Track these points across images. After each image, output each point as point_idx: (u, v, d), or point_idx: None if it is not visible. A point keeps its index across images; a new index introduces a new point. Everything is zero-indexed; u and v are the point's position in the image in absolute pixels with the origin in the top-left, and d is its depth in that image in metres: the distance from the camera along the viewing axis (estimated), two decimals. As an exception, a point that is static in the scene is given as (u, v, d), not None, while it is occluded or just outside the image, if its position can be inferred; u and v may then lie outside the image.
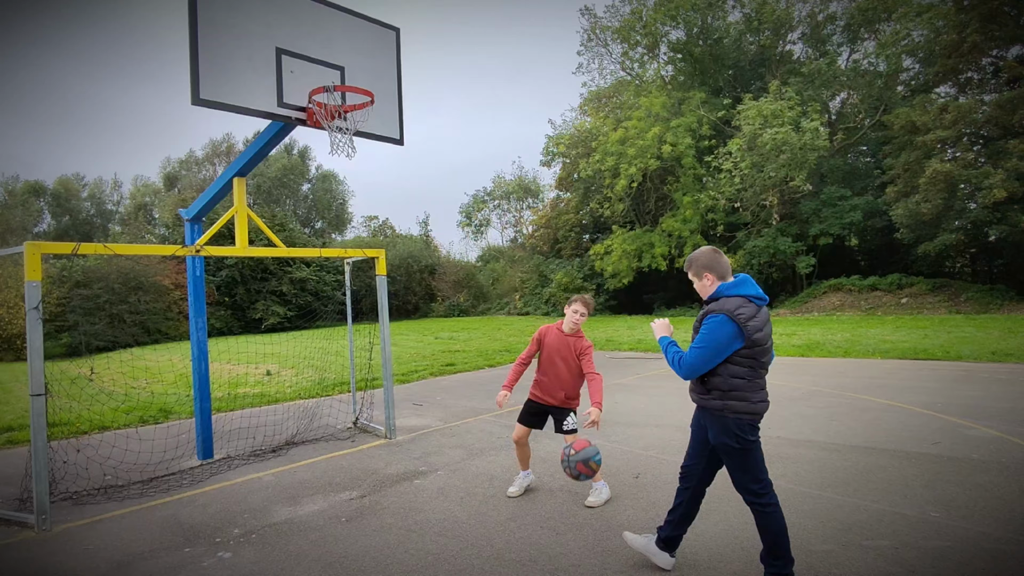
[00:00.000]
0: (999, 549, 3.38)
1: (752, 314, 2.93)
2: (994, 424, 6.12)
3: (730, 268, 3.13)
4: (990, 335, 13.77)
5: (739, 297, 2.98)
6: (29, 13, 69.87)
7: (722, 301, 2.99)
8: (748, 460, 3.05)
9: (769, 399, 3.10)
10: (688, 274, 3.22)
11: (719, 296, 3.04)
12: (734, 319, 2.90)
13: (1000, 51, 23.94)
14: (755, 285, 3.06)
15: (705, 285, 3.12)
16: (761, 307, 3.02)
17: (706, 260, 3.11)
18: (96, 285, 26.36)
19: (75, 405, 8.46)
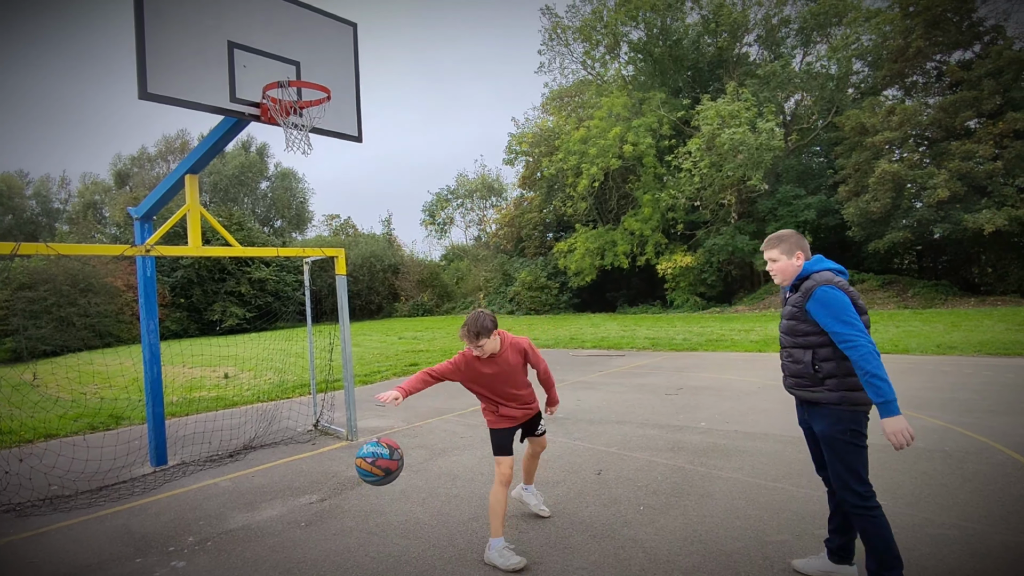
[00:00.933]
0: (942, 534, 3.53)
1: (847, 284, 2.78)
2: (938, 414, 6.38)
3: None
4: (935, 329, 14.36)
5: (827, 271, 2.84)
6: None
7: (814, 276, 2.82)
8: (860, 458, 2.79)
9: None
10: (772, 252, 2.97)
11: (808, 274, 2.87)
12: (840, 287, 2.72)
13: (943, 56, 24.97)
14: (832, 261, 2.92)
15: (793, 263, 2.93)
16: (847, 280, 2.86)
17: (799, 239, 2.95)
18: (42, 287, 25.28)
19: (18, 412, 8.10)
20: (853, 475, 2.78)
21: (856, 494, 2.77)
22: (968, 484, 4.30)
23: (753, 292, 28.12)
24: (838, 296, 2.69)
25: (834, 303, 2.69)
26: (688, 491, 4.44)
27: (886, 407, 2.59)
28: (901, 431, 2.61)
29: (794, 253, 2.93)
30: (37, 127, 74.63)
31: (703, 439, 5.83)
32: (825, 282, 2.75)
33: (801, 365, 2.88)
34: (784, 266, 2.95)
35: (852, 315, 2.66)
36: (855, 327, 2.64)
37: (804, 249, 2.94)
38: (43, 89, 73.65)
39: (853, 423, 2.76)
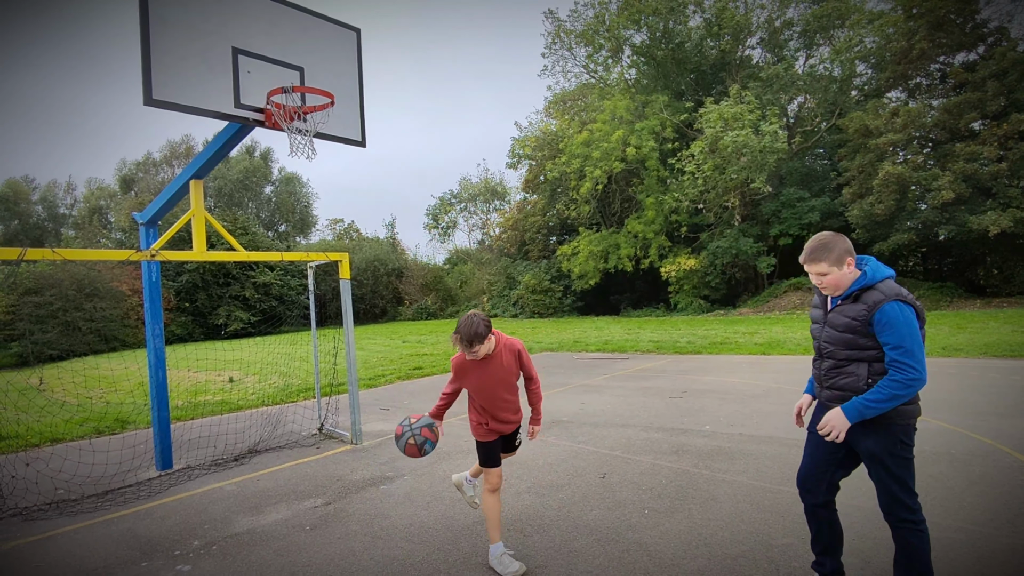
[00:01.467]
0: (949, 537, 3.51)
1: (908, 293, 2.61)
2: (944, 417, 6.35)
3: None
4: (940, 331, 14.30)
5: (890, 280, 2.63)
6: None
7: (879, 287, 2.61)
8: (911, 470, 2.70)
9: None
10: (821, 265, 2.70)
11: (871, 283, 2.63)
12: (908, 302, 2.54)
13: (947, 57, 24.93)
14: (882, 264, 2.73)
15: (845, 274, 2.67)
16: None
17: (843, 242, 2.67)
18: (48, 292, 25.39)
19: (24, 417, 8.14)
20: (906, 489, 2.68)
21: (908, 508, 2.68)
22: (974, 487, 4.28)
23: (757, 295, 28.06)
24: (908, 317, 2.53)
25: (903, 325, 2.52)
26: (693, 495, 4.43)
27: (863, 409, 2.59)
28: (839, 429, 2.64)
29: (844, 261, 2.66)
30: (43, 133, 75.14)
31: (708, 442, 5.82)
32: (895, 296, 2.55)
33: (853, 378, 2.70)
34: (837, 278, 2.70)
35: (917, 340, 2.53)
36: (915, 356, 2.51)
37: (852, 253, 2.69)
38: (49, 95, 74.19)
39: (904, 435, 2.67)
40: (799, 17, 29.36)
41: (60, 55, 75.80)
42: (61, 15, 74.95)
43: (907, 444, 2.67)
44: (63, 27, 75.33)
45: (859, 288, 2.66)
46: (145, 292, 5.97)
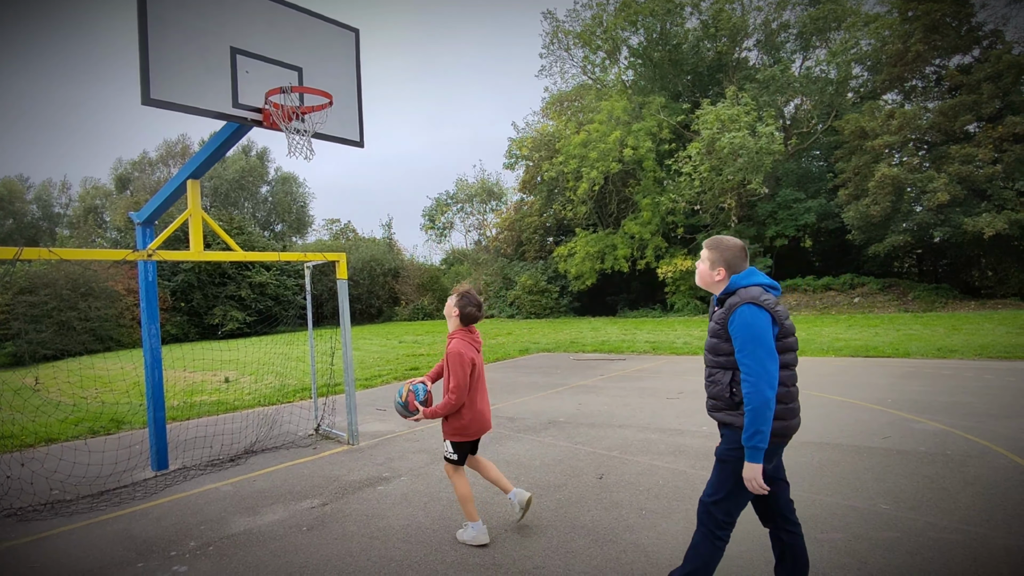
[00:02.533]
0: (944, 538, 3.53)
1: (776, 302, 2.62)
2: (940, 418, 6.38)
3: (744, 264, 2.77)
4: (935, 332, 14.36)
5: (756, 286, 2.65)
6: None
7: (741, 292, 2.63)
8: (738, 487, 2.63)
9: (799, 416, 2.70)
10: (704, 252, 2.82)
11: (735, 288, 2.67)
12: (763, 306, 2.54)
13: (942, 60, 25.04)
14: (764, 276, 2.75)
15: (712, 276, 2.77)
16: (777, 297, 2.70)
17: (733, 255, 2.73)
18: (43, 291, 25.25)
19: (19, 417, 8.10)
20: (727, 501, 2.68)
21: (714, 517, 2.70)
22: (970, 488, 4.30)
23: (753, 296, 28.12)
24: (757, 320, 2.51)
25: (748, 327, 2.52)
26: (690, 495, 4.44)
27: (751, 451, 2.51)
28: (751, 479, 2.54)
29: (717, 268, 2.75)
30: (38, 132, 74.82)
31: (704, 443, 5.83)
32: (751, 300, 2.56)
33: (720, 387, 2.68)
34: (703, 272, 2.81)
35: (762, 344, 2.49)
36: (755, 357, 2.49)
37: (730, 267, 2.73)
38: (45, 93, 73.87)
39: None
40: (795, 19, 29.46)
41: (56, 54, 75.51)
42: (58, 14, 74.65)
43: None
44: (59, 26, 75.03)
45: (724, 294, 2.71)
46: (141, 292, 5.95)
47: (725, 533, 2.69)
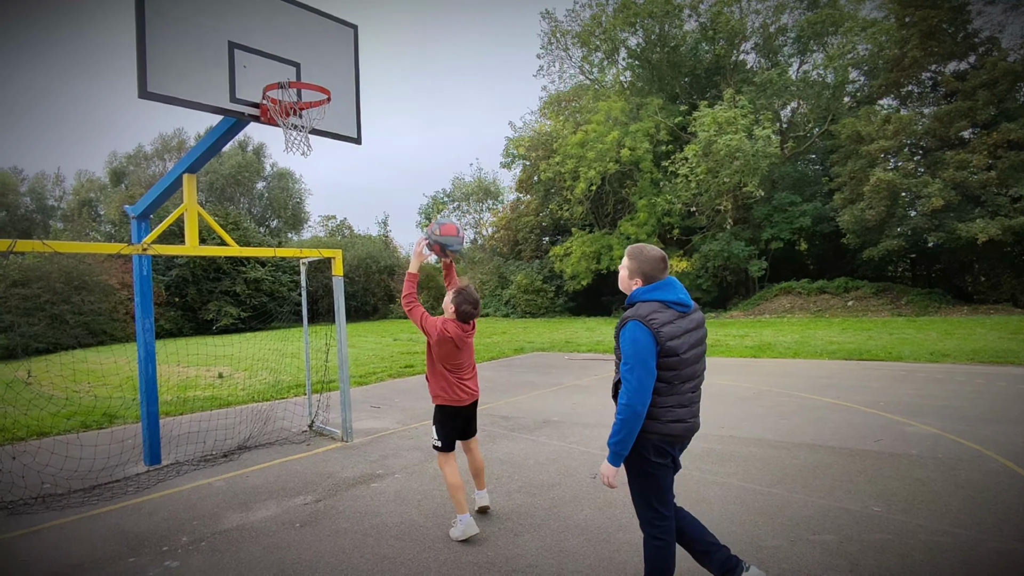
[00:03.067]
0: (935, 541, 3.55)
1: (667, 320, 2.67)
2: (931, 421, 6.41)
3: (663, 275, 2.83)
4: (928, 336, 14.44)
5: (655, 302, 2.72)
6: (-37, -3, 66.19)
7: (638, 306, 2.74)
8: (649, 485, 2.78)
9: (693, 422, 2.80)
10: (625, 260, 2.90)
11: (634, 300, 2.79)
12: (646, 324, 2.64)
13: (939, 66, 25.15)
14: (676, 290, 2.78)
15: (629, 284, 2.87)
16: (684, 313, 2.76)
17: (648, 267, 2.81)
18: (36, 284, 25.10)
19: (11, 410, 8.05)
20: (644, 502, 2.81)
21: (645, 519, 2.82)
22: (961, 491, 4.33)
23: (748, 298, 28.20)
24: (638, 337, 2.63)
25: (629, 343, 2.65)
26: (683, 496, 4.45)
27: (613, 455, 2.70)
28: (607, 475, 2.75)
29: (635, 277, 2.84)
30: (32, 124, 74.31)
31: (698, 444, 5.85)
32: (638, 317, 2.67)
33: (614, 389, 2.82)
34: (623, 279, 2.91)
35: (640, 362, 2.62)
36: (633, 374, 2.63)
37: (647, 277, 2.81)
38: (39, 86, 73.39)
39: (643, 450, 2.74)
40: (793, 23, 29.52)
41: (52, 46, 75.05)
42: (54, 6, 74.20)
43: (641, 455, 2.74)
44: (56, 18, 74.56)
45: (628, 303, 2.83)
46: (136, 286, 5.93)
47: (661, 531, 2.79)
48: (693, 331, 2.77)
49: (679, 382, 2.72)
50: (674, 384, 2.72)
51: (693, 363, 2.76)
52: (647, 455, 2.74)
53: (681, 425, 2.75)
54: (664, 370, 2.68)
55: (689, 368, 2.74)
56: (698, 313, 2.86)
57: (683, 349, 2.69)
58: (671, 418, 2.72)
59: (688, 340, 2.72)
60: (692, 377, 2.78)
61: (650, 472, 2.76)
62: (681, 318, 2.74)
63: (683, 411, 2.75)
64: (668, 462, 2.77)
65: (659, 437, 2.72)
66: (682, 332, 2.71)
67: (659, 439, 2.72)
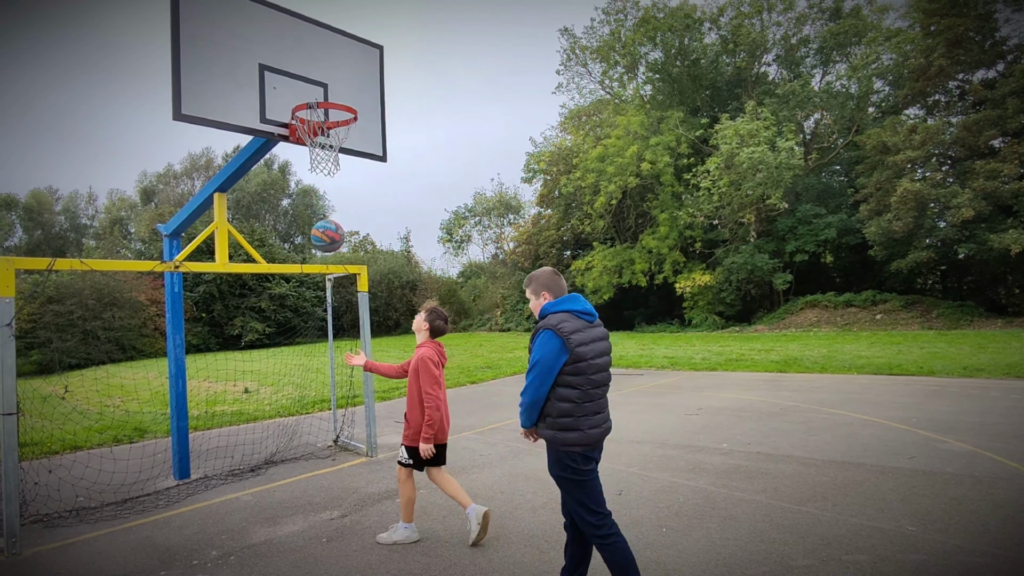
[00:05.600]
0: (973, 562, 3.45)
1: (576, 328, 2.90)
2: (967, 438, 6.24)
3: (565, 290, 3.11)
4: (961, 351, 14.08)
5: (563, 312, 2.97)
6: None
7: (548, 318, 2.97)
8: (583, 492, 2.95)
9: (606, 425, 3.01)
10: (527, 292, 3.19)
11: (545, 313, 3.02)
12: (557, 332, 2.86)
13: (966, 74, 24.76)
14: (581, 301, 3.03)
15: (540, 304, 3.10)
16: (590, 322, 2.99)
17: (546, 280, 3.10)
18: (69, 301, 25.76)
19: (47, 424, 8.25)
20: (584, 508, 2.94)
21: (588, 524, 2.93)
22: (999, 511, 4.21)
23: (773, 311, 27.81)
24: (546, 343, 2.87)
25: (537, 348, 2.90)
26: (711, 513, 4.39)
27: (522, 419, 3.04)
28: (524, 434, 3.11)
29: (540, 293, 3.09)
30: (66, 144, 76.74)
31: (725, 460, 5.77)
32: (549, 326, 2.90)
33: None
34: (534, 305, 3.14)
35: (544, 364, 2.86)
36: (532, 373, 2.90)
37: (551, 289, 3.07)
38: (73, 108, 75.86)
39: (571, 461, 2.91)
40: (816, 34, 29.35)
41: (86, 69, 77.62)
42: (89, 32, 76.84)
43: (572, 467, 2.92)
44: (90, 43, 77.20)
45: (540, 317, 3.05)
46: (167, 302, 6.07)
47: (606, 529, 2.92)
48: (600, 340, 3.00)
49: (591, 387, 2.92)
50: (587, 390, 2.91)
51: (602, 369, 2.98)
52: (577, 466, 2.92)
53: (598, 430, 2.95)
54: (575, 375, 2.88)
55: (598, 374, 2.95)
56: (602, 327, 3.08)
57: (591, 355, 2.91)
58: (589, 424, 2.92)
59: (595, 348, 2.94)
60: (602, 384, 2.99)
61: (581, 480, 2.94)
62: (589, 327, 2.97)
63: (599, 416, 2.96)
64: (593, 466, 2.98)
65: (583, 447, 2.91)
66: (589, 340, 2.93)
67: (583, 449, 2.91)
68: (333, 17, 5.52)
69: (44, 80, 73.69)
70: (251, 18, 4.88)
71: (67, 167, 76.28)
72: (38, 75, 72.89)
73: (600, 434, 2.97)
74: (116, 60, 78.86)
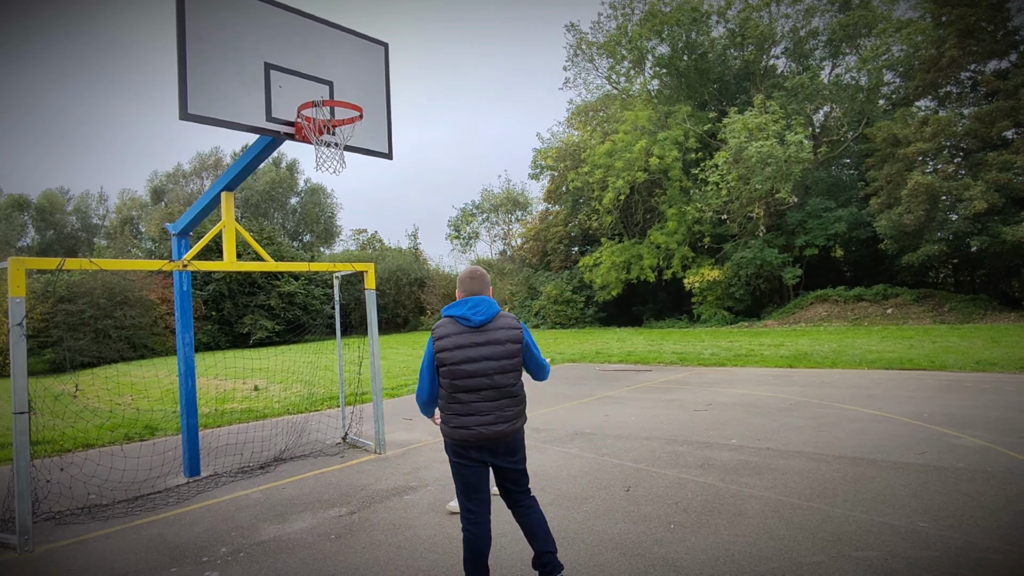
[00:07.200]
0: (986, 559, 3.41)
1: (447, 332, 3.04)
2: (979, 433, 6.18)
3: (480, 291, 3.16)
4: (974, 345, 13.94)
5: (446, 317, 3.11)
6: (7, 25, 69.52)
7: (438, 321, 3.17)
8: (456, 479, 3.16)
9: (479, 430, 3.01)
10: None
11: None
12: (432, 333, 3.07)
13: (978, 65, 24.47)
14: (468, 305, 3.08)
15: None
16: (467, 327, 3.03)
17: (460, 279, 3.22)
18: (81, 300, 26.02)
19: (59, 422, 8.33)
20: (459, 494, 3.18)
21: (463, 508, 3.16)
22: (1012, 506, 4.16)
23: (782, 306, 27.66)
24: (428, 345, 3.09)
25: (426, 348, 3.12)
26: (720, 509, 4.37)
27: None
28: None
29: (457, 293, 3.25)
30: (78, 146, 77.40)
31: (734, 456, 5.74)
32: (432, 328, 3.14)
33: None
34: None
35: (423, 362, 3.11)
36: (420, 377, 3.14)
37: (461, 291, 3.20)
38: (84, 109, 76.47)
39: (449, 450, 3.15)
40: (825, 26, 29.07)
41: (97, 71, 78.19)
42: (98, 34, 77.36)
43: (451, 460, 3.15)
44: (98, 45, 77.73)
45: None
46: (176, 301, 6.10)
47: (467, 523, 3.11)
48: (477, 346, 3.02)
49: (454, 391, 3.03)
50: (450, 392, 3.04)
51: (469, 376, 3.00)
52: (449, 455, 3.16)
53: (465, 431, 3.02)
54: (443, 377, 3.05)
55: (464, 380, 3.00)
56: (498, 332, 3.06)
57: (453, 360, 3.00)
58: (455, 424, 3.05)
59: (461, 354, 3.00)
60: (469, 389, 3.01)
61: (455, 471, 3.15)
62: (464, 332, 3.03)
63: (467, 419, 3.02)
64: (466, 463, 3.09)
65: (450, 440, 3.11)
66: (453, 346, 3.01)
67: (451, 442, 3.11)
68: (338, 15, 5.53)
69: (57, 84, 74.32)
70: (256, 17, 4.89)
71: (79, 168, 77.08)
72: (49, 77, 73.52)
73: (468, 435, 3.02)
74: (126, 60, 79.37)
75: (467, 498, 3.12)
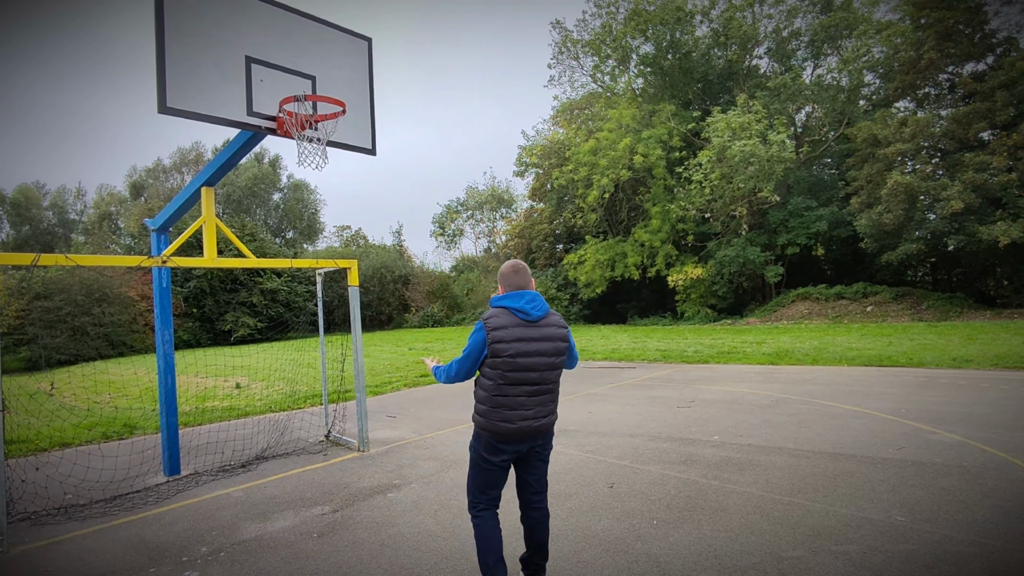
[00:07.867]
0: (962, 552, 3.47)
1: (503, 324, 2.97)
2: (955, 429, 6.29)
3: (526, 285, 3.12)
4: (950, 342, 14.19)
5: (500, 308, 3.07)
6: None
7: (490, 309, 3.10)
8: (475, 473, 3.15)
9: (523, 424, 3.01)
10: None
11: (492, 305, 3.15)
12: (484, 326, 2.98)
13: (956, 67, 24.86)
14: (525, 299, 3.04)
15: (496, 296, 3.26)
16: (524, 320, 3.01)
17: (503, 273, 3.18)
18: (58, 297, 25.53)
19: (34, 421, 8.17)
20: (469, 486, 3.20)
21: (468, 500, 3.20)
22: (987, 500, 4.24)
23: (764, 304, 27.95)
24: (477, 334, 3.01)
25: (471, 336, 3.05)
26: (702, 505, 4.40)
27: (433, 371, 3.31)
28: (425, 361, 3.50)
29: (499, 288, 3.23)
30: (55, 139, 75.90)
31: (716, 452, 5.79)
32: (482, 318, 3.05)
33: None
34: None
35: (467, 354, 3.03)
36: (457, 364, 3.09)
37: (506, 285, 3.15)
38: (61, 102, 74.98)
39: (475, 440, 3.13)
40: (807, 27, 29.37)
41: (73, 62, 76.71)
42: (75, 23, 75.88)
43: (476, 449, 3.13)
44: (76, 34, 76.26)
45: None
46: (156, 298, 6.00)
47: (476, 511, 3.14)
48: (534, 341, 3.00)
49: (504, 383, 2.98)
50: (499, 384, 2.99)
51: (523, 369, 2.98)
52: (480, 450, 3.11)
53: (509, 426, 3.00)
54: (492, 368, 3.00)
55: (515, 372, 2.97)
56: (550, 329, 3.07)
57: (508, 352, 2.95)
58: (500, 418, 3.00)
59: (519, 347, 2.96)
60: (521, 383, 3.00)
61: (480, 465, 3.12)
62: (520, 325, 3.00)
63: (512, 413, 3.00)
64: (498, 462, 3.08)
65: (488, 434, 3.05)
66: (512, 338, 2.97)
67: (488, 436, 3.05)
68: (321, 8, 5.46)
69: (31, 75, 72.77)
70: (237, 9, 4.82)
71: (55, 162, 75.44)
72: (24, 70, 71.94)
73: (512, 430, 3.00)
74: (104, 53, 77.98)
75: (482, 492, 3.14)
